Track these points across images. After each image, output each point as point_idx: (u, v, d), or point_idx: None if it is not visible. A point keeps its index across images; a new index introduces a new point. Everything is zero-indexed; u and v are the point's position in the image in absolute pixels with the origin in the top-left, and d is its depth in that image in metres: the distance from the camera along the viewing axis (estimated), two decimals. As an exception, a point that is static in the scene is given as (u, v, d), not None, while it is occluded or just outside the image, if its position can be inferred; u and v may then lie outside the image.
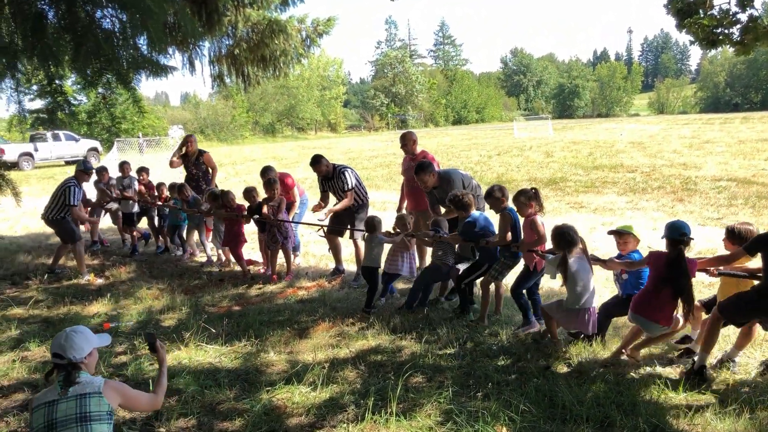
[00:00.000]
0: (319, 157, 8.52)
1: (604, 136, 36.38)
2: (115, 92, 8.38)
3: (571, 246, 5.22)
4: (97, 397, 2.84)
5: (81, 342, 2.97)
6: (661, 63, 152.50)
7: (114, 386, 2.99)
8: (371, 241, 7.17)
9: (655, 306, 4.75)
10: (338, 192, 8.46)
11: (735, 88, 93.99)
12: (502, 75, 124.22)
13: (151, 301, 7.59)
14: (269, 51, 10.49)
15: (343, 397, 4.49)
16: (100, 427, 2.80)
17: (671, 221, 4.87)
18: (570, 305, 5.29)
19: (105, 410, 2.84)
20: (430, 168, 7.36)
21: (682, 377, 4.64)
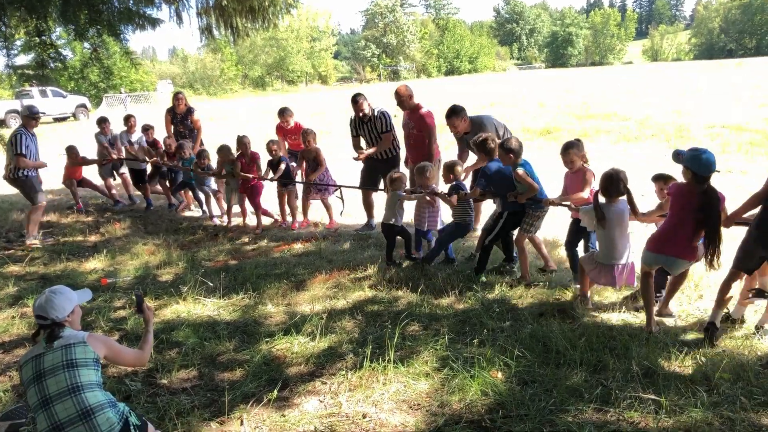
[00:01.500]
0: (358, 94, 7.98)
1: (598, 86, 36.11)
2: (105, 45, 8.25)
3: (610, 192, 4.89)
4: (82, 346, 2.89)
5: (61, 302, 3.01)
6: (656, 9, 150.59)
7: (98, 337, 3.05)
8: (392, 196, 6.79)
9: (681, 241, 4.50)
10: (373, 135, 8.05)
11: (729, 34, 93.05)
12: (495, 24, 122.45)
13: (147, 257, 7.62)
14: (257, 1, 10.28)
15: (342, 346, 4.57)
16: (87, 371, 2.85)
17: (697, 152, 4.39)
18: (601, 259, 5.06)
19: (91, 357, 2.89)
20: (463, 113, 7.16)
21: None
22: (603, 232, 4.97)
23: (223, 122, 27.20)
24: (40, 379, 2.80)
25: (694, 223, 4.42)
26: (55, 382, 2.78)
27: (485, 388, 3.74)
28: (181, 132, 10.82)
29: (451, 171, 6.45)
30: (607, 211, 4.90)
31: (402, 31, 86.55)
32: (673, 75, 38.45)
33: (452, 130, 7.29)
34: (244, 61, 69.74)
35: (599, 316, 4.99)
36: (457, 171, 6.46)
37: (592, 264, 5.14)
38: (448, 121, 7.20)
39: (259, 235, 8.71)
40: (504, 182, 6.00)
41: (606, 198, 4.94)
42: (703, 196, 4.34)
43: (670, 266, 4.68)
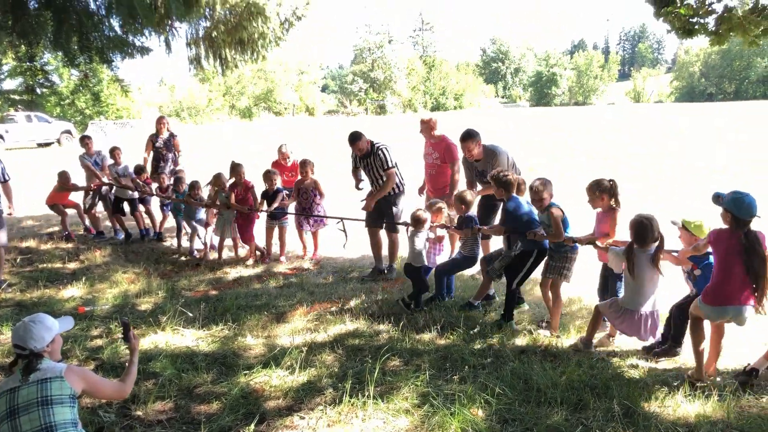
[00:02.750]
0: (359, 134, 7.74)
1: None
2: (95, 71, 8.30)
3: (645, 240, 4.72)
4: (59, 381, 2.83)
5: (40, 331, 2.94)
6: (638, 53, 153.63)
7: (76, 371, 2.96)
8: (416, 236, 6.44)
9: (735, 288, 4.30)
10: (376, 172, 7.71)
11: (709, 78, 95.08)
12: (481, 62, 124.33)
13: (126, 285, 7.53)
14: (247, 33, 10.42)
15: (321, 381, 4.51)
16: (62, 409, 2.79)
17: (740, 195, 4.28)
18: (626, 304, 4.88)
19: (67, 393, 2.83)
20: (477, 137, 7.04)
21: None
22: (632, 277, 4.82)
23: (208, 144, 27.12)
24: (14, 415, 2.73)
25: (744, 267, 4.26)
26: (29, 420, 2.71)
27: (465, 425, 3.70)
28: (164, 155, 10.82)
29: (463, 202, 6.36)
30: (639, 257, 4.76)
31: (389, 67, 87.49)
32: (655, 116, 39.01)
33: (466, 153, 7.15)
34: (231, 92, 70.01)
35: (580, 355, 4.98)
36: (469, 202, 6.37)
37: (616, 311, 4.96)
38: (463, 144, 7.07)
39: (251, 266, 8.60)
40: (524, 220, 5.83)
41: (638, 245, 4.78)
42: (745, 239, 4.23)
43: (736, 316, 4.38)
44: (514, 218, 5.86)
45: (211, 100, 64.74)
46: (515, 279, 5.88)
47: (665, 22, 7.26)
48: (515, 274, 5.87)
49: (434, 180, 7.90)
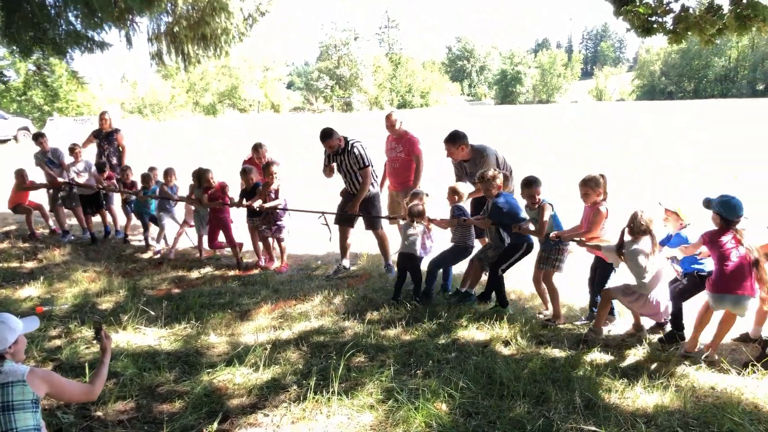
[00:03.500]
0: (330, 131, 7.60)
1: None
2: (51, 66, 8.12)
3: (635, 233, 4.98)
4: (21, 386, 2.75)
5: (3, 332, 2.87)
6: (600, 51, 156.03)
7: (40, 375, 2.88)
8: (410, 228, 6.50)
9: (733, 280, 4.62)
10: (350, 169, 7.62)
11: (670, 76, 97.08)
12: (447, 60, 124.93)
13: (87, 284, 7.38)
14: (210, 29, 10.29)
15: (285, 378, 4.49)
16: (23, 415, 2.73)
17: (727, 197, 4.70)
18: (637, 288, 5.07)
19: (29, 398, 2.76)
20: (464, 140, 6.94)
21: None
22: (630, 265, 5.06)
23: (171, 141, 26.73)
24: None
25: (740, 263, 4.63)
26: None
27: (429, 420, 3.72)
28: (105, 151, 10.64)
29: (456, 193, 6.42)
30: (631, 247, 4.99)
31: (355, 64, 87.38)
32: (618, 114, 39.62)
33: (449, 155, 7.09)
34: (195, 89, 69.16)
35: (543, 348, 5.04)
36: (461, 193, 6.44)
37: (629, 295, 5.14)
38: (447, 146, 7.00)
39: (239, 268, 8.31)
40: (509, 214, 6.02)
41: (631, 237, 5.02)
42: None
43: (738, 305, 4.67)
44: (500, 212, 6.03)
45: (174, 97, 63.90)
46: (501, 264, 6.06)
47: (625, 21, 7.36)
48: (502, 261, 6.08)
49: (398, 174, 7.97)
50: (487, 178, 6.05)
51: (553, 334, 5.42)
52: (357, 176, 7.58)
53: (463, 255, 6.61)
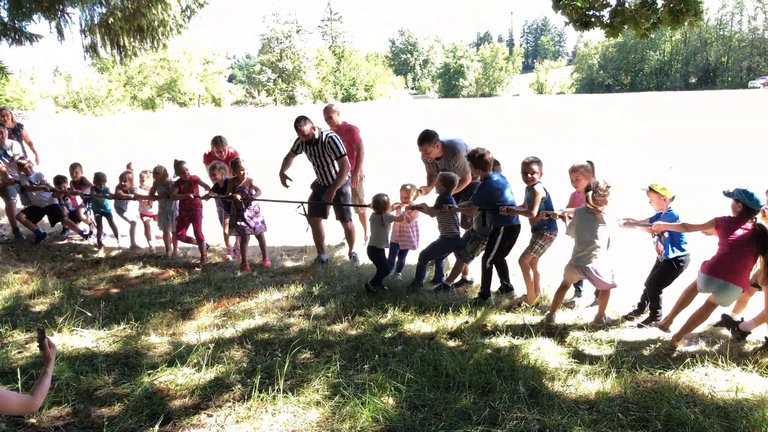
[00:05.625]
0: (306, 118, 7.55)
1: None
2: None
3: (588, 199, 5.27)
4: None
5: None
6: (541, 45, 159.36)
7: None
8: (379, 220, 6.56)
9: (727, 266, 4.78)
10: (323, 159, 7.54)
11: (607, 70, 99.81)
12: (390, 54, 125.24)
13: (19, 286, 7.09)
14: (146, 21, 10.01)
15: (229, 377, 4.40)
16: None
17: (748, 189, 4.78)
18: (575, 261, 5.37)
19: None
20: (435, 138, 6.83)
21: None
22: (576, 234, 5.38)
23: (108, 137, 25.96)
24: None
25: (746, 254, 4.77)
26: None
27: (376, 414, 3.71)
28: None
29: (445, 183, 6.40)
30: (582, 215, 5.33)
31: (298, 57, 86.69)
32: (558, 107, 40.55)
33: (424, 155, 7.00)
34: (132, 82, 67.35)
35: (487, 339, 5.10)
36: (450, 183, 6.40)
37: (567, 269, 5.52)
38: (421, 146, 6.90)
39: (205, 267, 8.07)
40: (495, 195, 6.07)
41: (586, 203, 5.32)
42: (758, 229, 4.75)
43: (724, 292, 4.81)
44: (487, 194, 6.09)
45: (111, 91, 62.02)
46: (488, 257, 6.15)
47: (563, 15, 7.52)
48: (488, 253, 6.14)
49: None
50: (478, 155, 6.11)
51: (506, 321, 5.48)
52: (331, 166, 7.55)
53: (451, 245, 6.63)
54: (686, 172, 13.62)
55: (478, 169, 6.19)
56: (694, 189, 9.29)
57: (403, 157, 17.99)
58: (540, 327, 5.35)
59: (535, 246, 6.07)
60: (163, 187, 8.35)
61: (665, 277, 5.46)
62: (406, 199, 6.76)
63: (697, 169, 14.13)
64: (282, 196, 8.11)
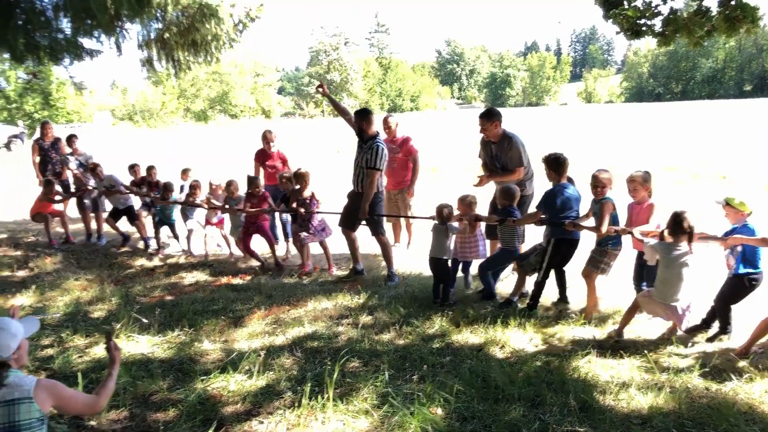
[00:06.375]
0: (367, 111, 7.59)
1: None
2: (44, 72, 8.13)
3: (677, 233, 4.91)
4: (27, 404, 2.66)
5: (4, 340, 2.75)
6: (589, 54, 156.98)
7: (46, 387, 2.77)
8: (443, 231, 6.49)
9: None
10: (361, 163, 7.34)
11: (657, 78, 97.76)
12: (436, 64, 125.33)
13: (79, 293, 7.34)
14: (200, 35, 10.27)
15: (280, 384, 4.48)
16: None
17: None
18: (656, 296, 5.04)
19: (35, 417, 2.68)
20: (496, 117, 6.87)
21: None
22: (662, 270, 5.02)
23: (163, 148, 26.68)
24: None
25: None
26: None
27: (425, 425, 3.72)
28: (53, 159, 11.02)
29: (508, 195, 6.36)
30: (670, 250, 4.95)
31: (345, 68, 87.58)
32: (612, 116, 39.90)
33: (481, 130, 6.98)
34: (186, 95, 69.09)
35: (537, 350, 5.05)
36: (513, 196, 6.36)
37: (646, 299, 5.15)
38: (480, 121, 6.93)
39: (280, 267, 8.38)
40: (557, 206, 5.89)
41: (673, 238, 4.96)
42: None
43: None
44: (552, 202, 5.92)
45: (165, 103, 63.74)
46: (541, 270, 6.02)
47: (614, 24, 7.42)
48: (541, 265, 6.02)
49: (395, 173, 8.36)
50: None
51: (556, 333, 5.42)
52: (364, 174, 7.33)
53: (508, 258, 6.58)
54: (740, 182, 13.23)
55: (552, 172, 6.01)
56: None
57: (448, 167, 17.99)
58: (591, 341, 5.27)
59: (600, 264, 5.82)
60: (233, 201, 8.59)
61: (735, 293, 5.17)
62: (465, 211, 6.66)
63: (754, 180, 13.68)
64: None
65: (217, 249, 9.66)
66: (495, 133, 6.93)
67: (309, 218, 7.91)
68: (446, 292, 6.47)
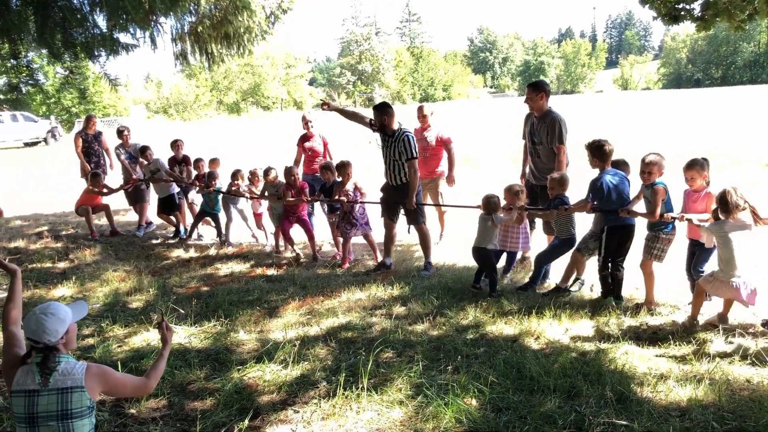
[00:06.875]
0: (387, 105, 7.52)
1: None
2: (81, 67, 8.32)
3: (730, 210, 4.90)
4: (79, 392, 2.72)
5: (53, 324, 2.78)
6: (625, 40, 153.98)
7: (96, 374, 2.81)
8: (489, 221, 6.46)
9: None
10: (394, 155, 7.33)
11: (696, 64, 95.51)
12: (468, 52, 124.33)
13: (117, 284, 7.48)
14: (233, 28, 10.33)
15: (315, 374, 4.51)
16: (81, 422, 2.72)
17: None
18: (721, 276, 5.05)
19: (86, 405, 2.74)
20: (545, 91, 6.96)
21: None
22: (720, 249, 5.06)
23: (199, 140, 27.00)
24: (33, 424, 2.66)
25: None
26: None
27: (459, 415, 3.71)
28: (96, 151, 11.48)
29: (560, 183, 6.30)
30: (721, 227, 4.99)
31: (377, 58, 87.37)
32: (646, 103, 39.17)
33: (526, 100, 7.01)
34: (218, 87, 69.78)
35: (573, 341, 5.00)
36: (564, 183, 6.30)
37: (710, 281, 5.16)
38: (529, 90, 6.99)
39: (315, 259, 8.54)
40: (611, 195, 5.80)
41: (725, 216, 4.97)
42: None
43: None
44: (600, 191, 5.83)
45: (198, 96, 64.47)
46: (600, 258, 5.97)
47: (651, 9, 7.29)
48: (599, 255, 5.99)
49: (426, 162, 8.37)
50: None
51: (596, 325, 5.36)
52: (401, 166, 7.32)
53: (568, 246, 6.47)
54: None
55: (596, 160, 5.92)
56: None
57: (483, 157, 17.86)
58: (629, 330, 5.19)
59: (653, 250, 5.74)
60: (273, 188, 8.68)
61: None
62: (512, 201, 6.61)
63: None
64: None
65: (253, 240, 9.81)
66: (539, 106, 6.90)
67: (351, 210, 7.90)
68: (492, 281, 6.44)
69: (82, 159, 11.37)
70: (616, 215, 5.75)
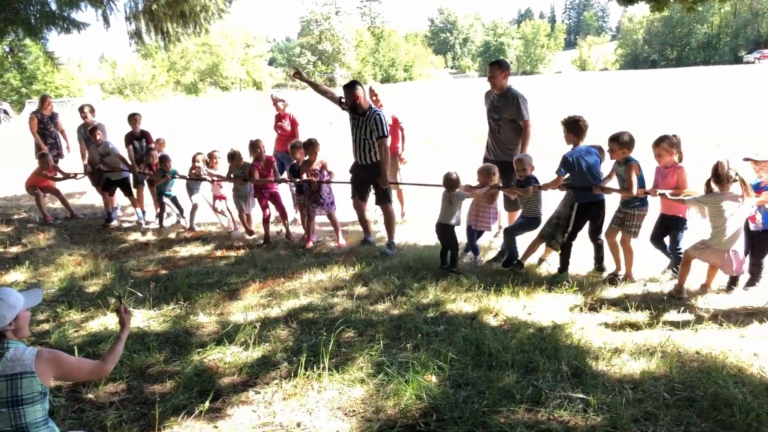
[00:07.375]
0: (358, 83, 7.43)
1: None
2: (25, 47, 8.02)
3: (723, 181, 5.09)
4: (29, 378, 2.67)
5: (1, 310, 2.74)
6: (583, 21, 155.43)
7: (48, 359, 2.75)
8: (451, 197, 6.55)
9: None
10: (364, 134, 7.29)
11: (652, 45, 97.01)
12: (429, 33, 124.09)
13: (73, 268, 7.34)
14: (188, 6, 10.15)
15: (276, 355, 4.51)
16: (33, 408, 2.67)
17: None
18: (712, 244, 5.24)
19: (38, 391, 2.69)
20: (507, 70, 7.08)
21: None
22: (713, 219, 5.21)
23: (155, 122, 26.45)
24: None
25: None
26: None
27: (419, 392, 3.76)
28: (52, 133, 11.10)
29: (524, 165, 6.36)
30: (716, 199, 5.15)
31: (337, 38, 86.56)
32: (604, 84, 39.60)
33: (490, 78, 7.06)
34: (175, 67, 68.38)
35: (530, 318, 5.09)
36: (528, 165, 6.36)
37: (701, 249, 5.33)
38: (491, 68, 7.04)
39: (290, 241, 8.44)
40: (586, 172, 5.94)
41: (718, 187, 5.14)
42: None
43: None
44: (575, 167, 5.96)
45: (155, 77, 63.12)
46: (565, 234, 6.14)
47: (607, -10, 7.36)
48: (565, 229, 6.14)
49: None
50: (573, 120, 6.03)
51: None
52: (371, 145, 7.30)
53: (535, 224, 6.57)
54: (732, 150, 13.22)
55: (571, 135, 6.05)
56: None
57: (443, 138, 17.92)
58: (584, 306, 5.31)
59: (625, 223, 5.90)
60: (239, 171, 8.51)
61: (764, 247, 5.47)
62: (486, 181, 6.64)
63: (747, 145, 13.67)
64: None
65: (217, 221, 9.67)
66: (501, 84, 7.01)
67: (318, 190, 7.88)
68: (453, 258, 6.54)
69: (38, 138, 10.92)
70: (589, 192, 5.90)
